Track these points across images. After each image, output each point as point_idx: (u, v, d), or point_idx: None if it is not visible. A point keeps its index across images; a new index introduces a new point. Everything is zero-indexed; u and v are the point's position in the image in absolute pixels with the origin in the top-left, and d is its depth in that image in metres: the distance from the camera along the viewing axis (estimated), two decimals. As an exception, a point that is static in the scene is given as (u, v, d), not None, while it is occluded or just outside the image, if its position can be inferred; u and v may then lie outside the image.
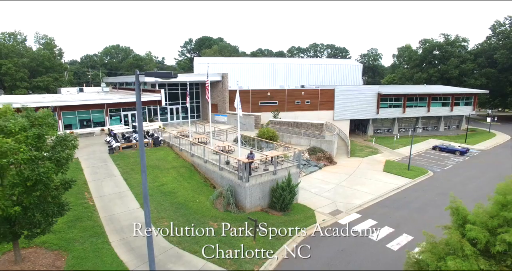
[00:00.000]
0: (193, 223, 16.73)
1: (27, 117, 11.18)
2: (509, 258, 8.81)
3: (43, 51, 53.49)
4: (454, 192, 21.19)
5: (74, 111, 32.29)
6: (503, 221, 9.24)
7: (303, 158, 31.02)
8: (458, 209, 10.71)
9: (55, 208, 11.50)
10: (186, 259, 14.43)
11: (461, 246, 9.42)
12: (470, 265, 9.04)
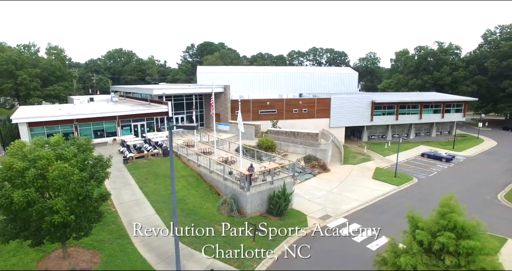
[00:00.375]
0: (201, 227, 19.76)
1: (74, 144, 14.23)
2: (443, 254, 11.82)
3: (55, 61, 56.60)
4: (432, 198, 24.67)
5: (89, 123, 35.39)
6: (441, 227, 12.27)
7: (299, 166, 34.09)
8: (413, 218, 13.73)
9: (96, 216, 14.56)
10: (197, 257, 17.46)
11: (411, 246, 12.50)
12: (416, 260, 12.09)
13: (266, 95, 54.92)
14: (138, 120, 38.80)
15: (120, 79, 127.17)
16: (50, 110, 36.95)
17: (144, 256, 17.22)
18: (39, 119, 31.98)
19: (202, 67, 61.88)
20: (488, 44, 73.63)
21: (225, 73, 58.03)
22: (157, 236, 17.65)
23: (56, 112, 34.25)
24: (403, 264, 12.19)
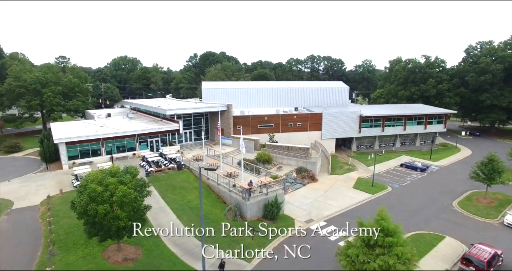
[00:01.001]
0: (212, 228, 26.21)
1: (128, 173, 20.75)
2: (376, 246, 18.24)
3: (74, 79, 63.13)
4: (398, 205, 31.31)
5: (113, 140, 41.94)
6: (378, 226, 18.71)
7: (291, 177, 40.58)
8: (361, 223, 20.16)
9: (142, 222, 21.06)
10: (210, 250, 23.90)
11: (357, 242, 19.00)
12: (358, 251, 18.55)
13: (264, 109, 61.34)
14: (153, 136, 45.35)
15: (126, 88, 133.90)
16: (80, 129, 43.46)
17: (172, 250, 23.73)
18: (74, 139, 38.58)
19: (206, 83, 68.32)
20: (471, 59, 79.99)
21: (227, 89, 64.51)
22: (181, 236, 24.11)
23: (86, 133, 40.75)
24: (350, 253, 18.71)
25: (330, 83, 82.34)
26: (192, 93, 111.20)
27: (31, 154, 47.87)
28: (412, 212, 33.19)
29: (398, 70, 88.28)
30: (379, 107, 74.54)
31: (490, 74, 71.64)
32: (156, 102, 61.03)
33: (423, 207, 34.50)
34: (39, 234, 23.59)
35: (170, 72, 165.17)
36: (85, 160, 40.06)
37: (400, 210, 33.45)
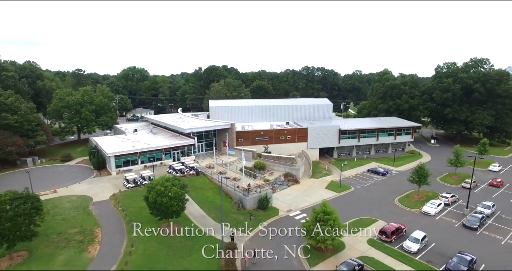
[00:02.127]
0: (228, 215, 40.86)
1: (176, 179, 35.51)
2: (320, 222, 32.83)
3: (104, 99, 77.89)
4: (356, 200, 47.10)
5: (146, 153, 56.69)
6: (321, 212, 33.34)
7: (280, 180, 55.25)
8: (314, 209, 34.86)
9: (184, 207, 35.81)
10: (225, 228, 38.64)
11: (310, 219, 33.83)
12: (309, 224, 33.27)
13: (261, 124, 76.01)
14: (175, 149, 60.11)
15: (136, 99, 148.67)
16: (119, 144, 58.15)
17: (199, 226, 38.34)
18: (120, 153, 53.32)
19: (213, 101, 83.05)
20: (438, 78, 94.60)
21: (230, 107, 79.28)
22: (204, 218, 38.86)
23: (127, 148, 55.37)
24: (305, 225, 33.46)
25: (316, 100, 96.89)
26: (199, 104, 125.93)
27: (80, 162, 62.64)
28: (363, 205, 47.79)
29: (378, 86, 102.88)
30: (357, 121, 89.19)
31: (451, 93, 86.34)
32: (173, 119, 75.76)
33: (372, 202, 49.11)
34: (119, 216, 38.25)
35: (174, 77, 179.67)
36: (127, 168, 54.79)
37: (355, 204, 48.15)
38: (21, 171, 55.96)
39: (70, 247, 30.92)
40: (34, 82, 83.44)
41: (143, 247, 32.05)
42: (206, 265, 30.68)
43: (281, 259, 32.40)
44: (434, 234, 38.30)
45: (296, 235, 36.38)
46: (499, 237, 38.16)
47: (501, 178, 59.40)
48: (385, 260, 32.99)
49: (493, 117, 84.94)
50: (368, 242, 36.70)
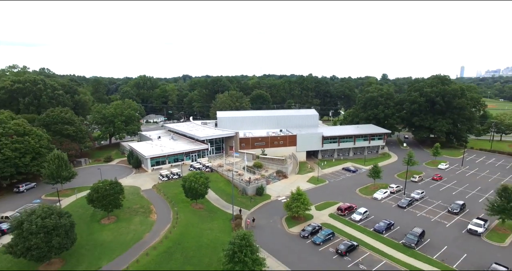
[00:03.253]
0: (235, 199, 60.31)
1: (202, 174, 55.12)
2: (295, 200, 52.22)
3: (131, 111, 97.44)
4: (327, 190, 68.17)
5: (172, 156, 76.23)
6: (297, 194, 52.80)
7: (273, 175, 74.77)
8: (292, 193, 54.45)
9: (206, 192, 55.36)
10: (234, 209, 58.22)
11: (290, 198, 53.49)
12: (289, 202, 52.87)
13: (260, 131, 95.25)
14: (193, 152, 79.67)
15: (147, 107, 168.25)
16: (150, 148, 77.65)
17: (216, 205, 57.85)
18: (154, 156, 72.87)
19: (220, 112, 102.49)
20: (409, 92, 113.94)
21: (234, 117, 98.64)
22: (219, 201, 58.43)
23: (158, 152, 74.92)
24: (286, 203, 53.06)
25: (305, 111, 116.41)
26: (205, 111, 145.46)
27: (119, 162, 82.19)
28: (332, 193, 67.19)
29: (360, 97, 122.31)
30: (338, 128, 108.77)
31: (417, 104, 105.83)
32: (188, 127, 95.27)
33: (339, 191, 68.53)
34: (162, 198, 57.66)
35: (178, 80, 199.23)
36: (158, 167, 74.26)
37: (326, 192, 67.60)
38: (82, 168, 75.66)
39: (139, 215, 50.37)
40: (73, 96, 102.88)
41: (183, 216, 51.47)
42: (223, 226, 50.16)
43: (270, 224, 51.95)
44: (376, 211, 57.75)
45: (280, 211, 55.90)
46: (417, 212, 57.68)
47: (443, 174, 78.96)
48: (336, 224, 52.52)
49: (451, 124, 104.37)
50: (329, 215, 56.25)
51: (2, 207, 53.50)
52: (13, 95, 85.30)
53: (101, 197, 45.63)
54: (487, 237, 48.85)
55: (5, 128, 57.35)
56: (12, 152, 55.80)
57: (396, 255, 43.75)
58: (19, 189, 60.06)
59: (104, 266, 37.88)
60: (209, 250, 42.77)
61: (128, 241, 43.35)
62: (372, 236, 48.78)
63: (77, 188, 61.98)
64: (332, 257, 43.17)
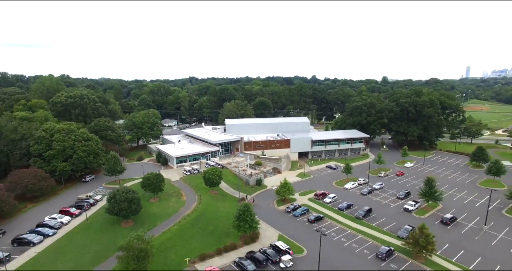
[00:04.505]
0: (240, 188, 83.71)
1: (217, 170, 78.84)
2: (282, 187, 75.52)
3: (155, 119, 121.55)
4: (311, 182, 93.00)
5: (191, 156, 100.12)
6: (284, 183, 76.16)
7: (269, 171, 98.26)
8: (280, 182, 77.93)
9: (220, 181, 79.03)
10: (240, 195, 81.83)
11: (280, 185, 77.17)
12: (279, 189, 76.42)
13: (261, 135, 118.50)
14: (207, 153, 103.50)
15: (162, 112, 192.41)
16: (173, 149, 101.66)
17: (226, 192, 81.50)
18: (178, 155, 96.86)
19: (228, 120, 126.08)
20: (390, 101, 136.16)
21: (240, 124, 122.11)
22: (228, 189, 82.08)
23: (181, 152, 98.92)
24: (277, 190, 76.61)
25: (298, 118, 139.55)
26: (214, 116, 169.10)
27: (149, 161, 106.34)
28: (314, 184, 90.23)
29: (348, 105, 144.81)
30: (325, 133, 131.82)
31: (394, 113, 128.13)
32: (201, 132, 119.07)
33: (320, 183, 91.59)
34: (188, 186, 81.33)
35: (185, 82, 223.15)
36: (180, 164, 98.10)
37: (310, 184, 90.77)
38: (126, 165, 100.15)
39: (173, 197, 74.04)
40: (106, 106, 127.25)
41: (204, 198, 75.00)
42: (232, 205, 73.58)
43: (265, 204, 75.46)
44: (344, 196, 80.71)
45: (273, 196, 79.34)
46: (374, 198, 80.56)
47: (406, 171, 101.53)
48: (312, 205, 75.71)
49: (422, 130, 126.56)
50: (308, 199, 79.48)
51: (79, 191, 77.87)
52: (66, 108, 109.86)
53: (150, 183, 69.38)
54: (415, 213, 71.58)
55: (76, 135, 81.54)
56: (82, 153, 79.96)
57: (348, 223, 66.78)
58: (86, 179, 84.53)
59: (158, 225, 61.51)
60: (223, 218, 66.19)
61: (170, 213, 67.13)
62: (335, 212, 71.87)
63: (125, 179, 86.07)
64: (305, 224, 66.36)
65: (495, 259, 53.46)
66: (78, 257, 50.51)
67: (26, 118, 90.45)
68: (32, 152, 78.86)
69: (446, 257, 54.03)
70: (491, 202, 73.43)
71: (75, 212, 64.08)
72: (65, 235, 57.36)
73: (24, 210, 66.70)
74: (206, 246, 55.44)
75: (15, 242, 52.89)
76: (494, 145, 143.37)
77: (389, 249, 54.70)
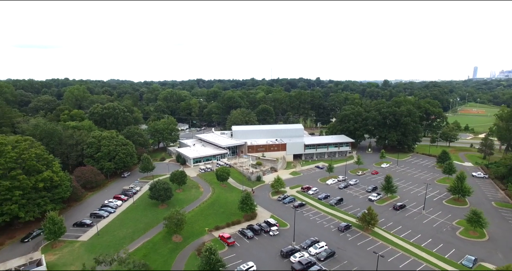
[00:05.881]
0: (243, 183, 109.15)
1: (226, 168, 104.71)
2: (274, 181, 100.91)
3: (173, 126, 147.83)
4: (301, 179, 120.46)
5: (206, 157, 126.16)
6: (277, 179, 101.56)
7: (268, 170, 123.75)
8: (274, 178, 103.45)
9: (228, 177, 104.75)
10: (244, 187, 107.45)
11: (274, 181, 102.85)
12: (273, 183, 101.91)
13: (262, 140, 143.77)
14: (218, 155, 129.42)
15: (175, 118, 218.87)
16: (191, 151, 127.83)
17: (234, 186, 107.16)
18: (194, 156, 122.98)
19: (235, 126, 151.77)
20: (374, 111, 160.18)
21: (245, 130, 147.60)
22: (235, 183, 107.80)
23: (197, 154, 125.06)
24: (272, 184, 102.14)
25: (294, 125, 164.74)
26: (222, 121, 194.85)
27: (170, 161, 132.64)
28: (303, 181, 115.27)
29: (338, 114, 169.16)
30: (317, 138, 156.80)
31: (376, 121, 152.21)
32: (212, 137, 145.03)
33: (307, 180, 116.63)
34: (204, 181, 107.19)
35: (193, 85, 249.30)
36: (196, 164, 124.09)
37: (300, 180, 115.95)
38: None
39: (193, 188, 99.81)
40: (131, 114, 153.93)
41: (217, 189, 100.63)
42: (238, 195, 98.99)
43: (263, 194, 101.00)
44: (325, 190, 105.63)
45: (269, 189, 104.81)
46: (348, 191, 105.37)
47: (381, 171, 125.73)
48: (299, 196, 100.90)
49: (400, 135, 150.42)
50: (296, 191, 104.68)
51: (120, 184, 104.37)
52: (102, 117, 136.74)
53: (177, 178, 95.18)
54: (376, 202, 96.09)
55: (117, 141, 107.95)
56: (122, 155, 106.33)
57: (324, 208, 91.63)
58: (124, 175, 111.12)
59: (184, 207, 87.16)
60: (230, 204, 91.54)
61: (191, 199, 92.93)
62: (315, 201, 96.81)
63: (154, 175, 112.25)
64: (291, 209, 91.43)
65: (420, 231, 77.95)
66: (134, 225, 76.56)
67: (75, 127, 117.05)
68: (85, 154, 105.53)
69: (387, 230, 78.67)
70: (438, 194, 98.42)
71: (124, 198, 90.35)
72: (121, 213, 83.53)
73: (88, 196, 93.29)
74: (219, 221, 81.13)
75: (92, 216, 79.25)
76: (467, 148, 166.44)
77: (347, 225, 79.65)
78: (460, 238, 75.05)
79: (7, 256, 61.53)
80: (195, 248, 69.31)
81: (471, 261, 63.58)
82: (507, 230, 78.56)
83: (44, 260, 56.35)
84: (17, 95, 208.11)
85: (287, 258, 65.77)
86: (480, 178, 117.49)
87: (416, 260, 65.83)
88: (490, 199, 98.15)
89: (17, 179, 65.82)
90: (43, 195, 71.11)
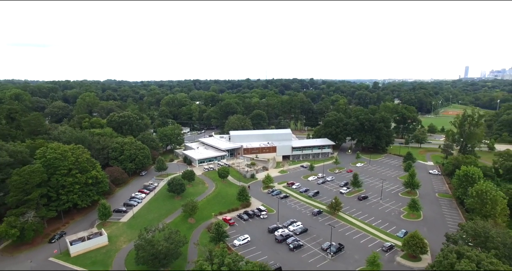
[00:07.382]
0: (240, 179, 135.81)
1: (227, 168, 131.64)
2: (266, 178, 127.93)
3: (179, 131, 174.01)
4: (287, 176, 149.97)
5: (207, 158, 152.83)
6: (268, 178, 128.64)
7: (260, 169, 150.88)
8: (266, 176, 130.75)
9: (228, 174, 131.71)
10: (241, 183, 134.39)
11: (265, 177, 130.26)
12: (264, 179, 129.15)
13: (256, 143, 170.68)
14: (218, 156, 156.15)
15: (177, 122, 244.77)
16: (196, 153, 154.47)
17: (233, 182, 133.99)
18: (199, 158, 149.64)
19: (232, 131, 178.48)
20: (352, 117, 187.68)
21: (241, 135, 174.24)
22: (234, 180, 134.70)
23: (201, 156, 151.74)
24: (263, 180, 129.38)
25: (283, 130, 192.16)
26: (221, 125, 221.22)
27: (178, 162, 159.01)
28: (289, 178, 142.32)
29: (323, 119, 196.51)
30: (303, 141, 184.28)
31: (355, 126, 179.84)
32: (212, 141, 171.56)
33: (293, 177, 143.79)
34: (208, 178, 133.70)
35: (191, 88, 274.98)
36: (201, 164, 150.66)
37: (286, 177, 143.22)
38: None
39: (200, 184, 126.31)
40: (142, 120, 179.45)
41: (219, 185, 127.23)
42: (236, 189, 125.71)
43: (256, 189, 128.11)
44: (306, 185, 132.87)
45: (260, 184, 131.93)
46: (325, 186, 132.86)
47: (355, 169, 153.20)
48: (285, 189, 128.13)
49: (375, 139, 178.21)
50: (283, 186, 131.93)
51: (140, 181, 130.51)
52: (119, 124, 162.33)
53: (187, 176, 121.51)
54: (346, 194, 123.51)
55: (136, 146, 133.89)
56: (141, 157, 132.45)
57: (303, 199, 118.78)
58: (142, 174, 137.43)
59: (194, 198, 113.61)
60: (230, 196, 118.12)
61: (199, 192, 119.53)
62: (297, 193, 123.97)
63: (167, 173, 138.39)
64: (277, 199, 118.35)
65: (374, 215, 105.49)
66: (158, 211, 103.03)
67: (100, 133, 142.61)
68: (110, 156, 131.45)
69: (350, 214, 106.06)
70: (397, 188, 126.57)
71: (146, 191, 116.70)
72: (146, 203, 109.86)
73: (116, 190, 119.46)
74: (222, 208, 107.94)
75: (125, 205, 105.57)
76: (436, 149, 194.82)
77: (319, 210, 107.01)
78: (402, 219, 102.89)
79: (74, 231, 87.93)
80: (205, 227, 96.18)
81: (402, 233, 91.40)
82: (438, 213, 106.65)
83: (104, 231, 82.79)
84: (34, 102, 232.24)
85: (273, 233, 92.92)
86: (434, 175, 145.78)
87: (366, 234, 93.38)
88: (436, 191, 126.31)
89: (75, 176, 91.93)
90: (91, 189, 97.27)
